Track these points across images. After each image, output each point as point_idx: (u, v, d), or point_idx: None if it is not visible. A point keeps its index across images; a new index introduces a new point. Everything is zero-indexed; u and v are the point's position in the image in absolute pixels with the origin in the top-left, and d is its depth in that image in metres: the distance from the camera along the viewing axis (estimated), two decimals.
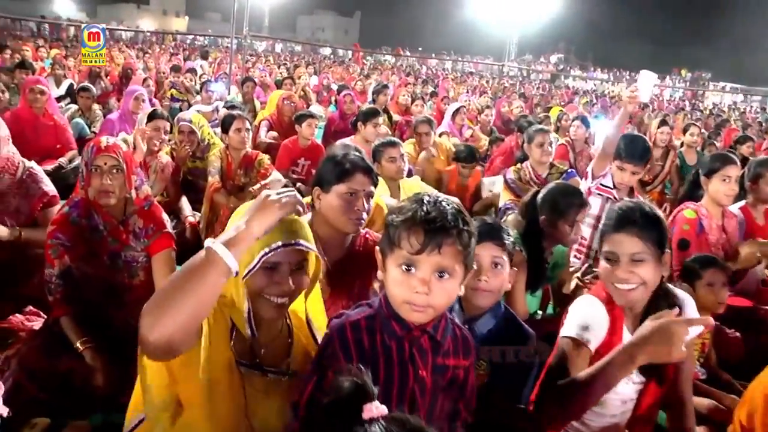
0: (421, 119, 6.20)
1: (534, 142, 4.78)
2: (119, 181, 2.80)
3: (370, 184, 2.45)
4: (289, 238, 1.67)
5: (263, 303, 1.72)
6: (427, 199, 1.54)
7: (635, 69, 42.86)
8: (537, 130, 4.85)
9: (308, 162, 6.39)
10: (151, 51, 17.80)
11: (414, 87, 15.74)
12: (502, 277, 2.16)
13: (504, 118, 9.82)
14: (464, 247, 1.51)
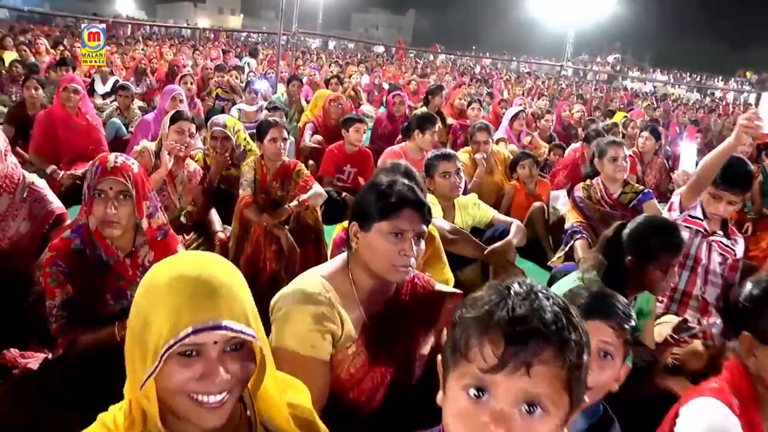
0: (479, 126, 5.69)
1: (606, 157, 4.23)
2: (127, 209, 2.36)
3: (421, 223, 1.96)
4: (206, 316, 1.13)
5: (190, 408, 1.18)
6: (516, 288, 1.03)
7: (696, 70, 41.53)
8: (610, 143, 4.29)
9: (355, 169, 5.96)
10: (202, 48, 17.54)
11: (468, 87, 15.18)
12: (610, 372, 1.62)
13: (564, 123, 9.21)
14: (571, 368, 0.98)
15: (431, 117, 5.31)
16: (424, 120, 5.22)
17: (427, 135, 5.19)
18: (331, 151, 5.92)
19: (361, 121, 5.81)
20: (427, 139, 5.18)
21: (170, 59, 12.76)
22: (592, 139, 5.84)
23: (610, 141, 4.32)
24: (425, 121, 5.20)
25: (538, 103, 10.69)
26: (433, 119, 5.27)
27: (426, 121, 5.20)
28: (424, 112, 5.61)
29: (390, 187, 1.97)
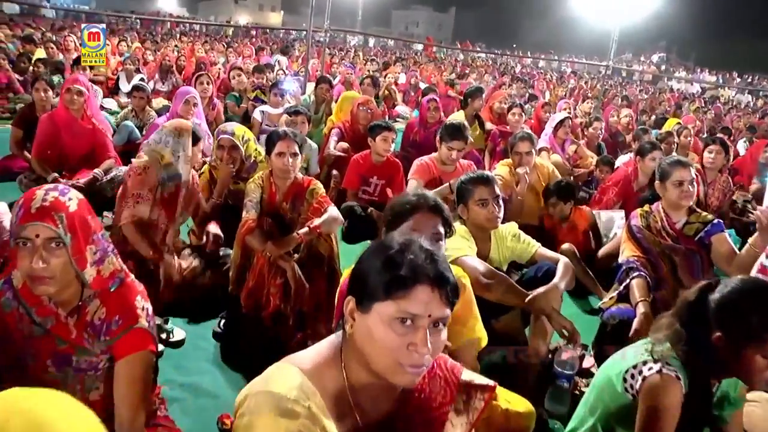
0: (522, 135, 5.11)
1: (670, 180, 3.62)
2: (61, 259, 1.81)
3: (443, 306, 1.43)
4: None
5: None
6: None
7: (745, 70, 40.01)
8: (674, 164, 3.67)
9: (382, 181, 5.46)
10: (236, 45, 17.10)
11: (509, 88, 14.52)
12: None
13: (612, 130, 8.55)
14: None
15: (455, 128, 4.81)
16: (445, 130, 4.83)
17: (443, 148, 4.78)
18: (356, 161, 5.40)
19: (390, 129, 5.28)
20: (444, 152, 4.78)
21: (198, 57, 12.39)
22: (647, 153, 5.23)
23: (675, 161, 3.70)
24: (446, 132, 4.80)
25: (583, 107, 10.02)
26: (457, 131, 4.78)
27: (447, 133, 4.78)
28: (451, 122, 5.04)
29: (401, 253, 1.44)
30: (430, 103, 6.43)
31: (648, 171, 5.19)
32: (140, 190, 3.40)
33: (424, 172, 4.83)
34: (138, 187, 3.40)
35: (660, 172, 3.71)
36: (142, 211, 3.39)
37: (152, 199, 3.44)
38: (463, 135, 4.74)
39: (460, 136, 4.72)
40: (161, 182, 3.50)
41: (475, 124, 7.64)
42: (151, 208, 3.44)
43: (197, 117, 5.83)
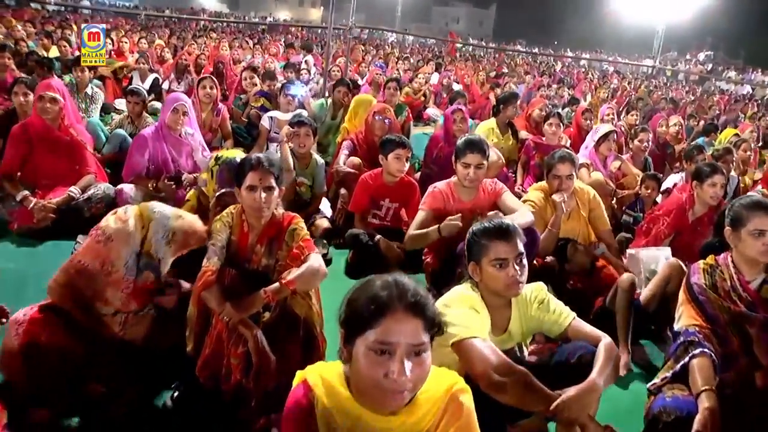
0: (562, 155, 4.35)
1: (747, 228, 2.84)
2: None
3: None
4: None
5: None
6: None
7: None
8: (753, 206, 2.89)
9: (395, 204, 4.80)
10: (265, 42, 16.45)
11: (548, 89, 13.67)
12: None
13: (660, 140, 7.71)
14: None
15: (469, 141, 4.11)
16: (459, 145, 4.13)
17: (459, 166, 4.11)
18: (365, 181, 4.74)
19: (404, 146, 4.59)
20: (460, 171, 4.11)
21: (218, 55, 11.81)
22: (706, 177, 4.43)
23: (754, 204, 2.91)
24: (459, 147, 4.12)
25: (629, 119, 9.14)
26: (472, 143, 4.08)
27: (460, 147, 4.11)
28: (469, 137, 4.24)
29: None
30: (455, 114, 5.69)
31: (706, 198, 4.43)
32: (89, 261, 2.72)
33: (436, 200, 4.13)
34: (87, 258, 2.72)
35: (733, 217, 2.95)
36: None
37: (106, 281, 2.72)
38: (479, 147, 4.02)
39: (476, 149, 4.00)
40: (128, 267, 2.76)
41: (508, 133, 6.92)
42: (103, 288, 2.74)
43: (189, 126, 5.22)
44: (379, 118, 5.49)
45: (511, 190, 5.58)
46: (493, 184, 4.22)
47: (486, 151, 4.07)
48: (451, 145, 5.60)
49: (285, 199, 5.02)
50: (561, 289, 3.99)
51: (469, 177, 4.00)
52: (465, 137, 4.16)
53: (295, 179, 5.11)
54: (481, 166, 4.03)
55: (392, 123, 5.55)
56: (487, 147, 4.13)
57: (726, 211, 3.04)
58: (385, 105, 5.74)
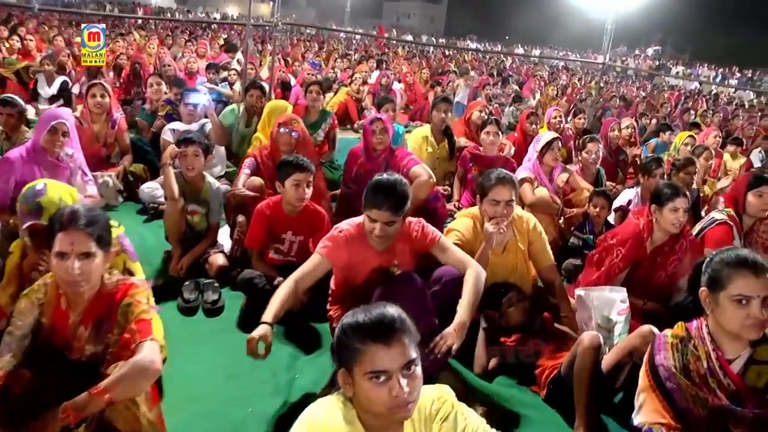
0: (500, 177, 3.57)
1: (727, 291, 2.15)
2: None
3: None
4: None
5: None
6: None
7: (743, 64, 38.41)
8: (737, 263, 2.16)
9: (300, 237, 3.96)
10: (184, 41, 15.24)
11: (494, 88, 12.97)
12: None
13: (612, 146, 7.02)
14: None
15: (378, 187, 3.09)
16: (365, 193, 3.14)
17: (365, 218, 3.15)
18: (262, 211, 3.92)
19: (303, 170, 3.78)
20: (367, 225, 3.15)
21: (133, 55, 10.81)
22: (667, 201, 3.73)
23: (740, 260, 2.15)
24: (365, 196, 3.13)
25: (576, 123, 8.45)
26: (381, 191, 3.06)
27: (366, 196, 3.12)
28: (373, 181, 3.17)
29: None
30: (374, 125, 4.85)
31: (667, 225, 3.74)
32: None
33: (337, 248, 3.21)
34: None
35: (711, 275, 2.22)
36: None
37: None
38: (388, 198, 3.02)
39: (383, 202, 3.02)
40: None
41: (444, 141, 6.14)
42: None
43: (69, 146, 4.34)
44: (285, 131, 4.64)
45: (443, 211, 4.91)
46: (419, 229, 3.29)
47: (402, 205, 3.08)
48: (372, 160, 4.84)
49: (175, 233, 4.21)
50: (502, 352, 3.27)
51: (376, 234, 3.09)
52: (374, 182, 3.14)
53: (186, 208, 4.28)
54: (393, 222, 3.09)
55: (301, 136, 4.71)
56: (404, 194, 3.11)
57: (703, 266, 2.30)
58: (292, 115, 4.86)
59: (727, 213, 4.35)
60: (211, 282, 3.99)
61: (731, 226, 4.26)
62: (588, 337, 2.86)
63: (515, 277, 3.63)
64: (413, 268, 3.38)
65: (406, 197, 3.06)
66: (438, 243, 3.26)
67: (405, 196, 3.05)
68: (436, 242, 3.26)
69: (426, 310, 3.01)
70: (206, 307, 3.84)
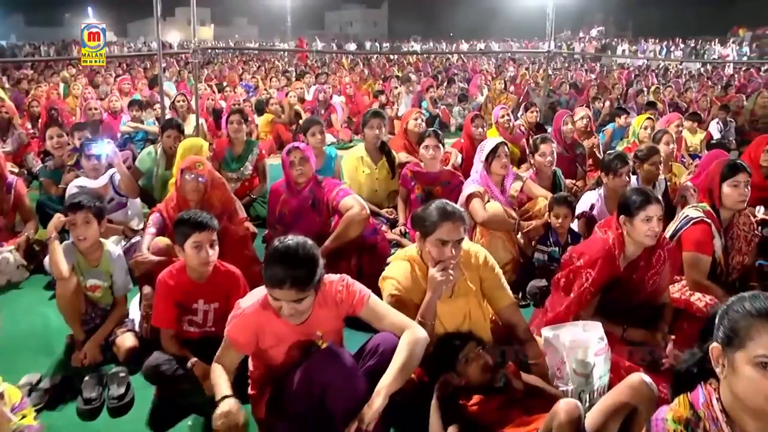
0: (444, 211, 2.89)
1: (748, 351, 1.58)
2: None
3: None
4: None
5: None
6: None
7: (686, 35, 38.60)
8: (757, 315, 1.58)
9: (215, 304, 3.33)
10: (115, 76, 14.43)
11: (438, 90, 12.41)
12: None
13: (566, 141, 6.47)
14: None
15: (276, 258, 2.46)
16: (266, 273, 2.51)
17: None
18: (164, 282, 3.28)
19: (203, 228, 3.14)
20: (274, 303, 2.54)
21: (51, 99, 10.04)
22: (638, 209, 3.18)
23: (763, 311, 1.59)
24: (265, 274, 2.51)
25: (528, 117, 7.93)
26: (278, 272, 2.41)
27: (266, 277, 2.51)
28: (273, 250, 2.51)
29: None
30: (292, 155, 4.22)
31: (640, 238, 3.20)
32: None
33: (246, 325, 2.65)
34: None
35: (727, 328, 1.65)
36: None
37: None
38: (291, 272, 2.41)
39: (284, 278, 2.40)
40: None
41: (382, 160, 5.56)
42: None
43: None
44: (190, 177, 3.98)
45: (384, 246, 4.31)
46: (343, 289, 2.70)
47: (311, 277, 2.47)
48: (295, 195, 4.24)
49: (73, 316, 3.56)
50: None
51: (283, 312, 2.50)
52: (273, 248, 2.51)
53: (84, 284, 3.63)
54: (302, 300, 2.48)
55: (209, 180, 4.05)
56: (310, 260, 2.49)
57: (717, 318, 1.72)
58: (196, 158, 4.16)
59: (702, 209, 3.82)
60: (117, 372, 3.34)
61: (709, 224, 3.73)
62: (565, 408, 2.27)
63: (469, 325, 3.03)
64: (341, 335, 2.80)
65: (315, 264, 2.47)
66: (367, 305, 2.67)
67: (313, 264, 2.46)
68: (364, 304, 2.67)
69: (356, 393, 2.43)
70: (111, 405, 3.19)
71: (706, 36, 38.04)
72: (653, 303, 3.40)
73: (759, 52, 31.98)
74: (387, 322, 2.65)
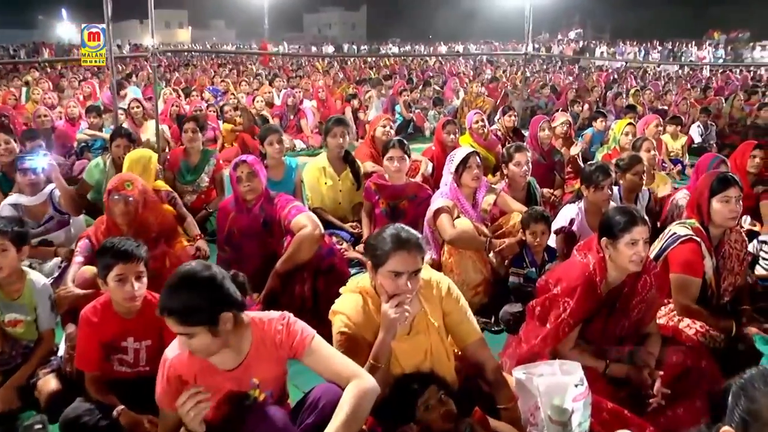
0: (398, 239, 2.46)
1: None
2: None
3: None
4: None
5: None
6: None
7: (663, 37, 38.74)
8: None
9: (147, 341, 2.96)
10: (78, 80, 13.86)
11: (413, 93, 12.05)
12: None
13: (543, 147, 6.13)
14: None
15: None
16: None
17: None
18: (87, 319, 2.90)
19: (128, 259, 2.75)
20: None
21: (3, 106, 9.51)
22: (622, 232, 2.83)
23: None
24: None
25: (506, 122, 7.59)
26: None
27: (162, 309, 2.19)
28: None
29: None
30: (239, 170, 3.83)
31: (624, 263, 2.85)
32: None
33: (166, 396, 2.31)
34: None
35: (744, 411, 1.30)
36: None
37: None
38: (168, 302, 2.14)
39: (163, 306, 2.17)
40: None
41: (345, 170, 5.18)
42: None
43: None
44: (118, 198, 3.57)
45: (342, 267, 3.91)
46: (283, 329, 2.33)
47: (193, 311, 2.15)
48: (245, 213, 3.84)
49: None
50: None
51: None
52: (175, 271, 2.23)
53: (0, 320, 3.21)
54: (190, 336, 2.16)
55: (140, 201, 3.62)
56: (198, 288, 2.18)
57: (731, 397, 1.36)
58: (126, 176, 3.71)
59: (690, 225, 3.47)
60: (32, 425, 2.91)
61: (699, 243, 3.39)
62: None
63: (430, 363, 2.64)
64: (283, 383, 2.42)
65: (202, 297, 2.14)
66: (309, 348, 2.29)
67: (198, 297, 2.14)
68: (306, 347, 2.29)
69: None
70: None
71: (683, 39, 38.20)
72: (638, 336, 3.05)
73: (733, 54, 32.24)
74: (330, 369, 2.28)
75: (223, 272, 2.23)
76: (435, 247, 4.27)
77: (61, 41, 46.76)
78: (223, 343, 2.22)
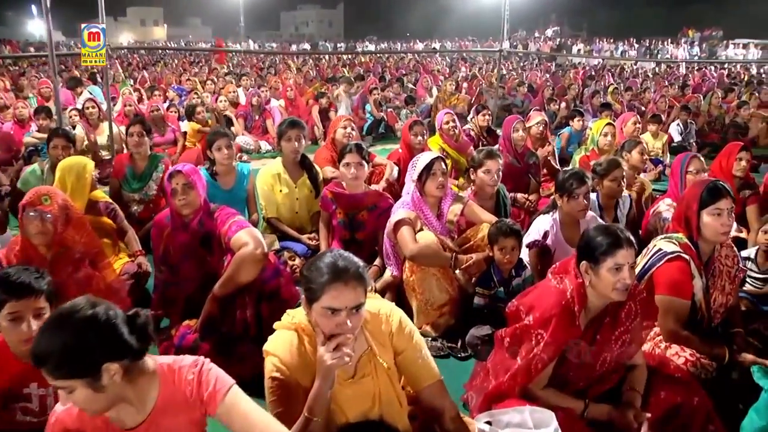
0: (336, 268, 2.05)
1: None
2: None
3: None
4: None
5: None
6: None
7: (638, 35, 38.84)
8: None
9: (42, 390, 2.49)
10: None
11: (385, 92, 11.66)
12: None
13: (516, 149, 5.75)
14: None
15: None
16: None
17: None
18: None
19: (24, 294, 2.32)
20: None
21: None
22: (605, 255, 2.45)
23: None
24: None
25: (479, 121, 7.23)
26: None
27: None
28: None
29: None
30: (174, 181, 3.40)
31: (606, 291, 2.46)
32: None
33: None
34: None
35: None
36: None
37: None
38: (35, 361, 1.75)
39: (38, 361, 1.74)
40: None
41: (303, 176, 4.77)
42: None
43: None
44: (33, 215, 3.12)
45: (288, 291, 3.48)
46: (194, 379, 1.94)
47: (74, 362, 1.72)
48: (181, 229, 3.42)
49: None
50: None
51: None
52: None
53: None
54: (71, 390, 1.74)
55: (61, 218, 3.19)
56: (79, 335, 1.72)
57: None
58: (44, 190, 3.25)
59: (678, 241, 3.09)
60: None
61: (687, 261, 3.01)
62: None
63: (379, 411, 2.24)
64: None
65: (77, 345, 1.73)
66: (223, 403, 1.89)
67: (72, 344, 1.73)
68: (219, 401, 1.89)
69: None
70: None
71: (659, 37, 38.36)
72: (620, 372, 2.67)
73: (708, 52, 32.34)
74: (247, 429, 1.88)
75: (113, 312, 1.81)
76: (396, 264, 3.88)
77: (32, 39, 45.93)
78: (115, 398, 1.81)
